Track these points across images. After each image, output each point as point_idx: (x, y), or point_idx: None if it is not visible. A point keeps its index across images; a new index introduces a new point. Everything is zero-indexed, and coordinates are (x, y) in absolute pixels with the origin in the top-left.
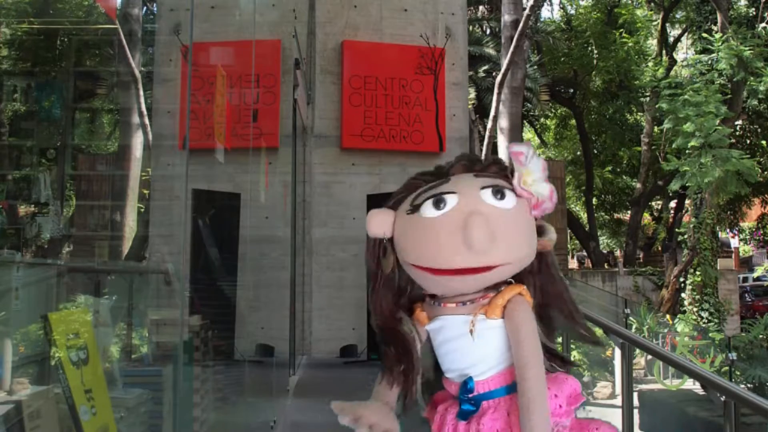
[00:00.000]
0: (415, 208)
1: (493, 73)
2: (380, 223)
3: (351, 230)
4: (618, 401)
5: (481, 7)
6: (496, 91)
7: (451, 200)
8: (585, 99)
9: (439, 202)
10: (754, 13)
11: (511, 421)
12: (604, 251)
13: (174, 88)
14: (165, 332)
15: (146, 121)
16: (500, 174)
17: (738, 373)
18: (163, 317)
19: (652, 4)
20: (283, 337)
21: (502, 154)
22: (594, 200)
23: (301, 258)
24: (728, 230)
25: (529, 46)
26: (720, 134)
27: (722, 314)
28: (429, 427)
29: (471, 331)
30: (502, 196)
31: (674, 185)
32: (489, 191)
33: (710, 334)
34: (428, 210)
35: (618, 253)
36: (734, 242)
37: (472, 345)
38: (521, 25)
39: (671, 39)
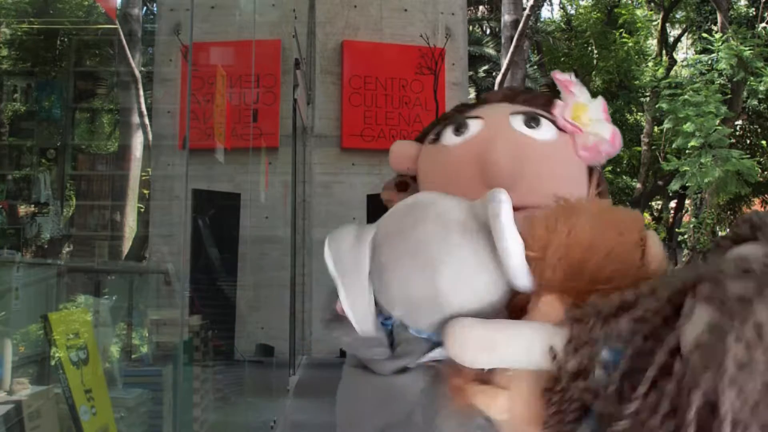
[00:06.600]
0: (438, 137)
1: (493, 73)
2: (402, 155)
3: None
4: None
5: (481, 7)
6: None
7: (473, 126)
8: None
9: (459, 128)
10: (754, 13)
11: None
12: None
13: (174, 88)
14: (165, 332)
15: (146, 121)
16: (544, 106)
17: None
18: (163, 317)
19: (652, 4)
20: (283, 337)
21: None
22: None
23: (301, 258)
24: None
25: (529, 46)
26: (720, 134)
27: None
28: None
29: None
30: (537, 124)
31: (674, 185)
32: (520, 117)
33: None
34: (448, 137)
35: None
36: None
37: None
38: (521, 25)
39: (671, 39)
